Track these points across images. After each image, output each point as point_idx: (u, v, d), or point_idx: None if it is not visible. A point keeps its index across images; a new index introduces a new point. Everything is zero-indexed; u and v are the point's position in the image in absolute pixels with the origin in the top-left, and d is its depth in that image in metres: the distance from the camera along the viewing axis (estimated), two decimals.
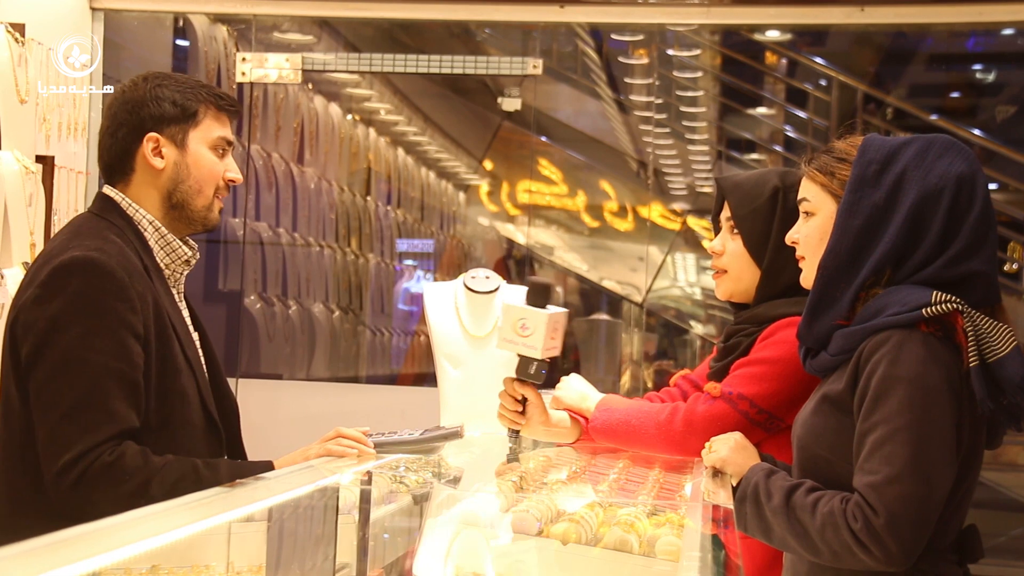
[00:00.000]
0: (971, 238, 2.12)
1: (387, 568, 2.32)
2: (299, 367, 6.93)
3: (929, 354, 2.06)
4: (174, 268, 2.49)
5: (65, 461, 2.20)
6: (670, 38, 7.87)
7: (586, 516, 2.22)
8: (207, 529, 1.82)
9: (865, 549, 2.02)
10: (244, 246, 6.20)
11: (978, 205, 2.13)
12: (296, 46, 6.36)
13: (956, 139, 2.23)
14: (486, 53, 7.09)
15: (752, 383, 2.52)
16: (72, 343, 2.24)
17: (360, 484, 2.24)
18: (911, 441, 2.02)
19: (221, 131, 2.50)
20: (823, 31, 8.14)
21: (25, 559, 1.33)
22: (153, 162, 2.45)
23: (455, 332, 3.02)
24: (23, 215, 4.07)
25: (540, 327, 2.54)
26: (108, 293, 2.27)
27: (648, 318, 8.39)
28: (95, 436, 2.20)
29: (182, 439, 2.36)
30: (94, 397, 2.23)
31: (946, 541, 2.15)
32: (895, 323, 2.08)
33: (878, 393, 2.06)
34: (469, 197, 9.61)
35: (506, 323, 2.56)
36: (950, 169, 2.14)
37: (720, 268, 2.70)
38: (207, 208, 2.49)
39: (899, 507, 2.00)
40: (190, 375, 2.40)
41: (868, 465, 2.04)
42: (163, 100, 2.46)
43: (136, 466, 2.21)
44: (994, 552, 6.39)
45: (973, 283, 2.13)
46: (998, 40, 8.29)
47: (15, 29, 4.10)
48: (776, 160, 8.59)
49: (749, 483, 2.22)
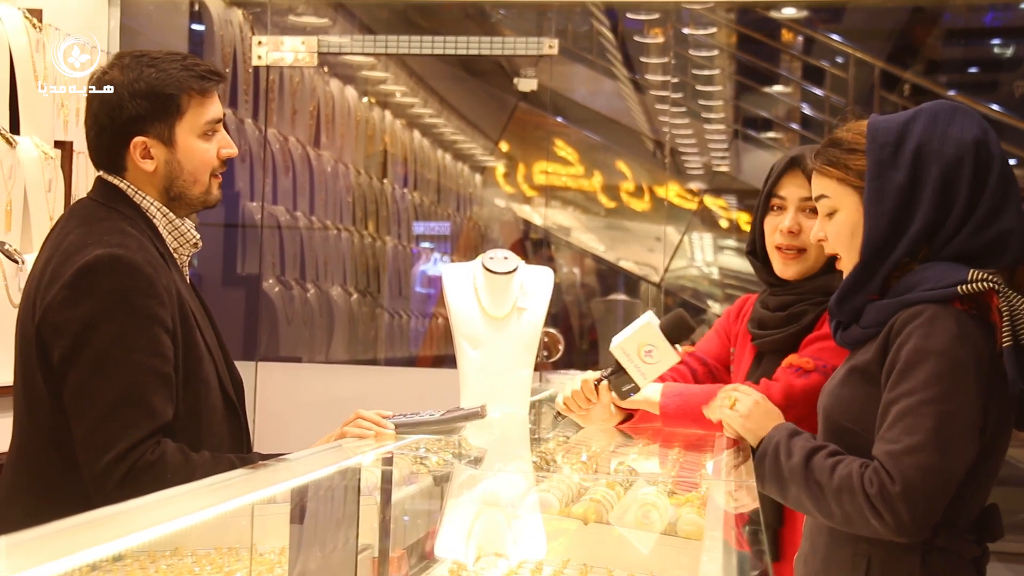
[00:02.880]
0: (996, 199, 2.12)
1: (409, 549, 2.33)
2: (318, 350, 6.94)
3: (961, 331, 2.05)
4: (182, 252, 2.46)
5: (108, 459, 2.19)
6: (686, 17, 7.84)
7: (607, 495, 2.22)
8: (230, 511, 1.82)
9: (878, 515, 2.02)
10: (262, 230, 6.21)
11: (996, 165, 2.13)
12: (311, 29, 6.35)
13: (957, 102, 2.22)
14: (501, 34, 7.08)
15: (842, 355, 2.49)
16: (108, 342, 2.22)
17: (382, 465, 2.24)
18: (935, 414, 2.02)
19: (209, 114, 2.40)
20: (839, 7, 8.10)
21: (48, 541, 1.33)
22: (143, 165, 2.38)
23: (474, 313, 3.01)
24: (43, 201, 4.08)
25: (664, 365, 2.51)
26: (138, 291, 2.25)
27: (666, 298, 8.38)
28: (136, 433, 2.20)
29: (207, 424, 2.36)
30: (133, 394, 2.21)
31: (967, 519, 2.14)
32: (929, 298, 2.08)
33: (907, 365, 2.06)
34: (485, 179, 9.60)
35: (634, 338, 2.50)
36: (964, 136, 2.13)
37: (798, 247, 2.64)
38: (205, 193, 2.43)
39: (916, 477, 2.00)
40: (210, 361, 2.39)
41: (890, 434, 2.04)
42: (140, 97, 2.35)
43: (177, 464, 2.21)
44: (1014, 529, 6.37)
45: (1005, 243, 2.12)
46: (1016, 14, 8.24)
47: (32, 15, 4.11)
48: (793, 138, 8.56)
49: (771, 441, 2.21)
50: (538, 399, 3.25)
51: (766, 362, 2.68)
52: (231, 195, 6.22)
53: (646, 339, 2.50)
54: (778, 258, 2.68)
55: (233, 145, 2.46)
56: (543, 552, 2.20)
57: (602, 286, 8.94)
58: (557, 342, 5.29)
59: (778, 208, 2.68)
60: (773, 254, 2.70)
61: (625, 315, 8.44)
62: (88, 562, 1.31)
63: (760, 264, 2.76)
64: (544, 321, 3.06)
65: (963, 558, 2.14)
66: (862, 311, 2.18)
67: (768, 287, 2.75)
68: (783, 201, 2.67)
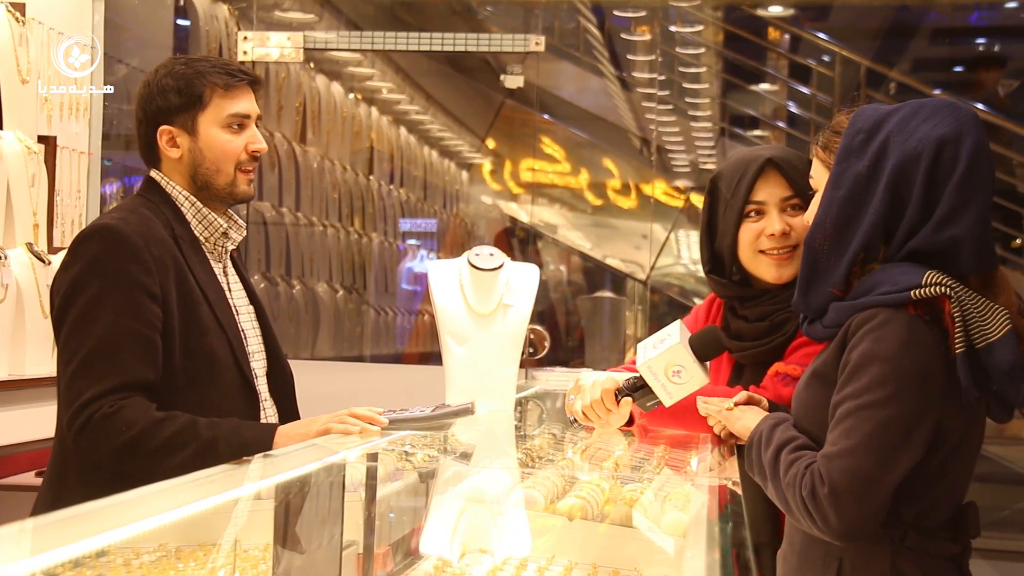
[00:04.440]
0: (954, 202, 2.04)
1: (394, 545, 2.33)
2: (304, 347, 6.93)
3: (912, 336, 2.02)
4: (214, 240, 2.64)
5: (73, 410, 2.35)
6: (672, 14, 7.84)
7: (592, 492, 2.22)
8: (214, 507, 1.82)
9: (809, 516, 2.02)
10: (247, 226, 6.19)
11: (961, 167, 2.04)
12: (297, 25, 6.34)
13: (955, 101, 2.16)
14: (488, 31, 7.08)
15: None
16: (87, 303, 2.40)
17: (367, 461, 2.24)
18: (873, 418, 2.00)
19: (233, 107, 2.58)
20: (826, 6, 8.12)
21: (30, 536, 1.33)
22: (170, 153, 2.58)
23: (460, 310, 3.01)
24: (26, 196, 4.07)
25: (691, 386, 2.43)
26: (121, 257, 2.42)
27: (652, 296, 8.39)
28: (100, 386, 2.35)
29: (213, 398, 2.48)
30: (104, 350, 2.37)
31: (936, 519, 2.13)
32: (883, 302, 2.05)
33: (854, 368, 2.04)
34: (472, 176, 9.60)
35: (663, 358, 2.43)
36: (931, 132, 2.06)
37: (791, 246, 2.56)
38: (230, 184, 2.60)
39: (843, 480, 1.98)
40: (221, 336, 2.51)
41: (830, 436, 2.04)
42: (168, 91, 2.57)
43: (134, 419, 2.34)
44: (998, 525, 6.40)
45: (957, 251, 2.06)
46: (1002, 13, 8.27)
47: (16, 9, 4.09)
48: (780, 136, 8.57)
49: (757, 432, 2.21)
50: (524, 396, 3.25)
51: (749, 372, 2.63)
52: None
53: (676, 360, 2.43)
54: (768, 262, 2.59)
55: (262, 142, 2.64)
56: (528, 548, 2.20)
57: (588, 283, 8.95)
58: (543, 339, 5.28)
59: (756, 213, 2.60)
60: (758, 260, 2.61)
61: (612, 313, 8.45)
62: (70, 557, 1.31)
63: (724, 280, 2.67)
64: (530, 318, 3.06)
65: (937, 557, 2.12)
66: (826, 308, 2.16)
67: (738, 301, 2.67)
68: (762, 205, 2.59)
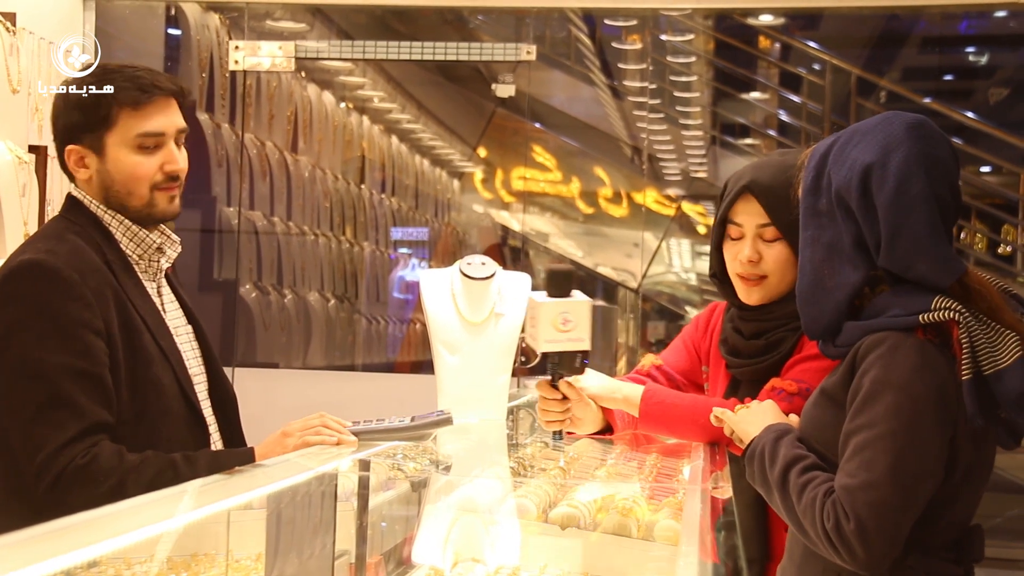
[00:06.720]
0: (892, 224, 2.04)
1: (386, 555, 2.32)
2: (295, 356, 6.92)
3: (923, 361, 2.02)
4: (148, 259, 2.43)
5: (39, 461, 2.17)
6: (663, 23, 7.86)
7: (584, 501, 2.22)
8: (206, 517, 1.81)
9: (834, 548, 2.01)
10: (239, 235, 6.19)
11: (889, 188, 2.03)
12: (289, 34, 6.34)
13: (893, 115, 2.12)
14: (479, 39, 7.08)
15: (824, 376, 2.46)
16: (27, 347, 2.21)
17: (359, 471, 2.23)
18: (892, 449, 1.99)
19: (143, 127, 2.36)
20: (816, 15, 8.14)
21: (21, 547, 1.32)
22: (79, 174, 2.39)
23: (452, 319, 3.01)
24: (16, 206, 4.06)
25: (584, 316, 2.46)
26: (58, 294, 2.23)
27: (644, 304, 8.40)
28: (63, 434, 2.18)
29: (163, 429, 2.32)
30: (59, 396, 2.19)
31: (939, 540, 2.12)
32: (893, 325, 2.05)
33: (867, 396, 2.03)
34: (463, 184, 9.60)
35: (544, 323, 2.45)
36: (859, 158, 2.07)
37: (759, 275, 2.58)
38: (147, 206, 2.38)
39: (870, 514, 1.98)
40: (164, 364, 2.34)
41: (848, 467, 2.03)
42: (72, 107, 2.37)
43: (111, 467, 2.18)
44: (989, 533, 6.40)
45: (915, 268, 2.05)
46: (991, 22, 8.30)
47: (6, 18, 4.09)
48: (771, 145, 8.58)
49: (759, 443, 2.20)
50: (516, 404, 3.25)
51: (745, 387, 2.63)
52: (208, 200, 6.20)
53: (553, 314, 2.46)
54: (741, 286, 2.62)
55: (178, 160, 2.41)
56: (520, 558, 2.20)
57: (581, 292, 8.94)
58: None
59: (736, 236, 2.61)
60: (735, 280, 2.63)
61: (603, 321, 8.45)
62: (62, 568, 1.30)
63: (725, 287, 2.69)
64: (522, 327, 3.06)
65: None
66: (839, 327, 2.16)
67: (737, 309, 2.69)
68: (740, 229, 2.60)
